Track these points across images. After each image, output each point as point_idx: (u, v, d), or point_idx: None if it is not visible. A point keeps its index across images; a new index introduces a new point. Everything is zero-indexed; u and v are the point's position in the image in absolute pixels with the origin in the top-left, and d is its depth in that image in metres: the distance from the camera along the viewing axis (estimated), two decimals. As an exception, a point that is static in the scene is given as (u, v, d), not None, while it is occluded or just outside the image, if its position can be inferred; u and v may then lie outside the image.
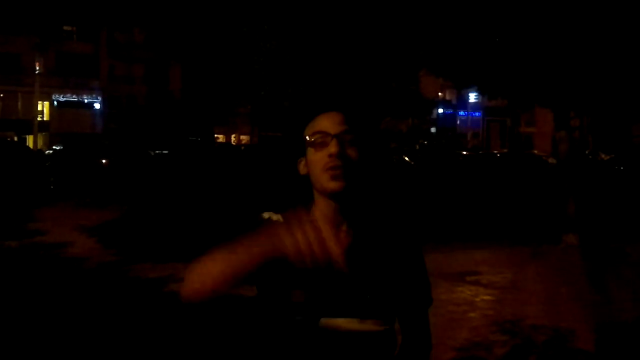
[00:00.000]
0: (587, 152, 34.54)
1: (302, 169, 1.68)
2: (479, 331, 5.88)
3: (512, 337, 5.73)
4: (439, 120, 58.57)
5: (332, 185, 1.60)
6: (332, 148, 1.59)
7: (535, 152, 35.99)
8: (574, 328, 6.01)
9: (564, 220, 11.12)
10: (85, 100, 47.88)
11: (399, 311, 1.70)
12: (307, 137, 1.64)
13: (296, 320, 1.58)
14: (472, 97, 56.91)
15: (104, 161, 22.20)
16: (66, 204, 15.98)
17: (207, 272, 1.53)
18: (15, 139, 38.79)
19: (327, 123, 1.63)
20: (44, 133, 43.89)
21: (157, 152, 27.99)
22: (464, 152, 39.51)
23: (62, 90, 46.58)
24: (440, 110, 59.25)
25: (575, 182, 11.24)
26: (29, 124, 41.89)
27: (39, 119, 43.35)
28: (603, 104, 11.95)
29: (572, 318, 6.36)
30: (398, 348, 1.71)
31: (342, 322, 1.57)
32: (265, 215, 1.68)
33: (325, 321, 1.57)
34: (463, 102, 59.16)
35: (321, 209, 1.65)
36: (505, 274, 8.56)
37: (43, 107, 45.42)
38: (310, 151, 1.63)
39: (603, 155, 34.38)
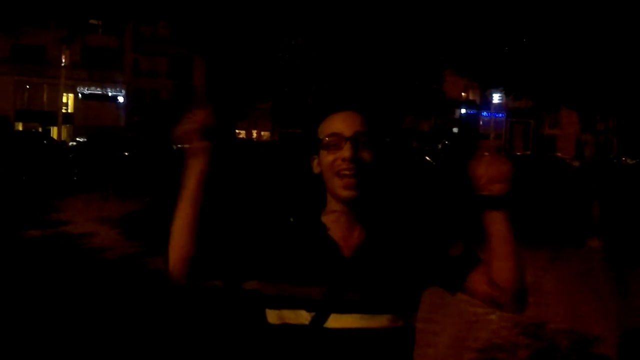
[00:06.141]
0: (611, 155, 34.15)
1: (315, 167, 1.65)
2: (500, 333, 5.82)
3: (535, 340, 5.67)
4: (461, 121, 58.23)
5: (345, 193, 1.57)
6: (346, 152, 1.55)
7: (559, 154, 35.64)
8: (597, 333, 5.93)
9: (588, 224, 11.00)
10: (110, 94, 48.26)
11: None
12: (321, 138, 1.61)
13: (305, 324, 1.53)
14: (496, 98, 56.42)
15: (126, 154, 22.34)
16: (89, 196, 16.10)
17: (173, 231, 1.77)
18: (40, 130, 39.21)
19: (342, 124, 1.59)
20: (68, 125, 44.32)
21: (180, 146, 28.12)
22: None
23: (87, 83, 47.00)
24: (463, 111, 58.91)
25: (600, 186, 11.11)
26: (54, 115, 42.30)
27: (63, 111, 43.75)
28: (630, 107, 11.79)
29: (595, 323, 6.28)
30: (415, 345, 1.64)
31: (352, 320, 1.52)
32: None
33: (333, 321, 1.52)
34: (486, 103, 58.69)
35: (333, 210, 1.62)
36: (527, 276, 8.46)
37: (68, 99, 45.85)
38: (324, 153, 1.59)
39: (628, 160, 33.98)
